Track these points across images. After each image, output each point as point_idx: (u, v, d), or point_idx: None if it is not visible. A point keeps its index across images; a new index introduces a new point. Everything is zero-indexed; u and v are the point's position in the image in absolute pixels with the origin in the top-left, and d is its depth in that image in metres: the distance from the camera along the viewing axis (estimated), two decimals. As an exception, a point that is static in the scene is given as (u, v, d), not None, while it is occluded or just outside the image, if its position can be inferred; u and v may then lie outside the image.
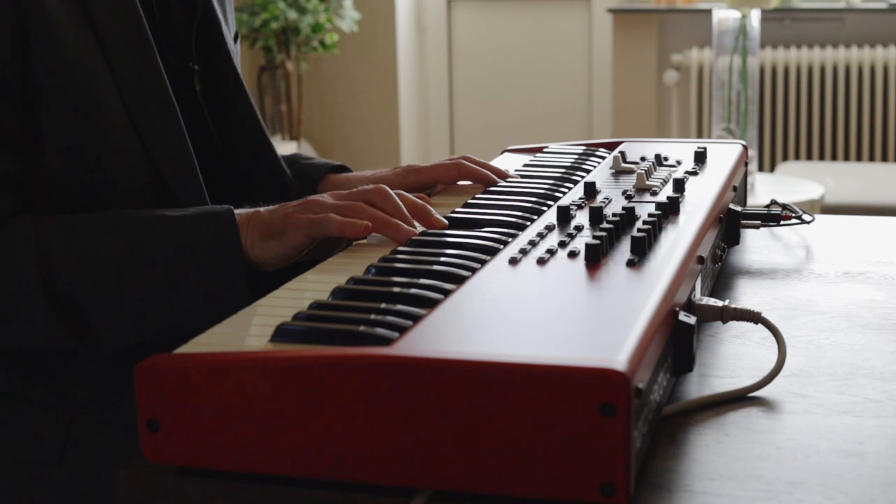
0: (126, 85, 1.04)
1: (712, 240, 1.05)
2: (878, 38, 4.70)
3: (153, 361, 0.71)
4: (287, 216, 0.99)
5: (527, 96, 5.24)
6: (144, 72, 1.06)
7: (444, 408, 0.65)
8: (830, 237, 1.33)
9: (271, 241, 0.99)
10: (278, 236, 0.99)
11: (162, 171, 1.06)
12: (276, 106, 4.84)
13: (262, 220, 1.00)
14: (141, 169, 1.05)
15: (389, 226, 0.98)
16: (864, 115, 4.65)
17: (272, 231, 0.99)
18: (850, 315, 1.03)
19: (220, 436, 0.70)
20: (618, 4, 4.93)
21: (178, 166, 1.07)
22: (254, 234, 0.99)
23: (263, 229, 0.99)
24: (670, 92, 4.86)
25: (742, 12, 3.02)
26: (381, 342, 0.71)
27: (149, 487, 0.72)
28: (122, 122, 1.04)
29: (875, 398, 0.83)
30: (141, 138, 1.05)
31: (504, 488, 0.66)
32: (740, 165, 1.31)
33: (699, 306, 0.89)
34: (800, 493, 0.68)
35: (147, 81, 1.06)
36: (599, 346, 0.68)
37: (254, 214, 1.01)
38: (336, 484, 0.69)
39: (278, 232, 0.99)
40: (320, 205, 1.00)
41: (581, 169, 1.26)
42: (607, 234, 0.89)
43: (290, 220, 0.99)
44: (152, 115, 1.06)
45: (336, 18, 4.67)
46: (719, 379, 0.87)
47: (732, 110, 3.08)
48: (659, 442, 0.75)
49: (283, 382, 0.68)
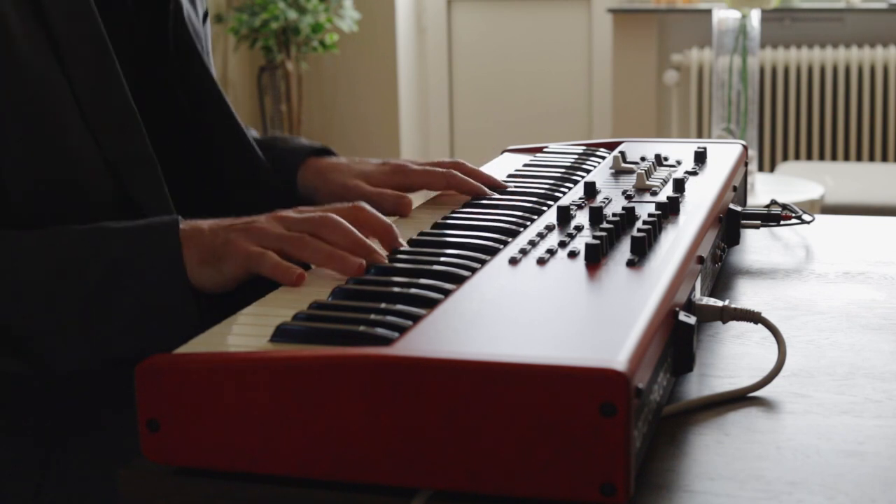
0: (83, 91, 0.99)
1: (712, 240, 1.05)
2: (878, 38, 4.71)
3: (153, 361, 0.71)
4: (227, 242, 0.91)
5: (527, 96, 5.24)
6: (102, 77, 1.01)
7: (444, 408, 0.65)
8: (830, 237, 1.33)
9: (208, 267, 0.91)
10: (216, 263, 0.91)
11: (122, 178, 1.01)
12: (276, 106, 4.84)
13: (202, 241, 0.92)
14: (99, 176, 1.00)
15: (334, 259, 0.89)
16: (864, 115, 4.65)
17: (210, 256, 0.91)
18: (850, 315, 1.03)
19: (220, 436, 0.70)
20: (618, 4, 4.93)
21: (138, 173, 1.02)
22: (192, 257, 0.92)
23: (202, 253, 0.92)
24: (670, 92, 4.86)
25: (742, 12, 3.02)
26: (381, 342, 0.71)
27: (149, 487, 0.72)
28: (79, 128, 0.99)
29: (875, 398, 0.83)
30: (99, 145, 1.00)
31: (504, 488, 0.66)
32: (740, 165, 1.31)
33: (699, 306, 0.89)
34: (800, 493, 0.68)
35: (105, 86, 1.01)
36: (599, 346, 0.68)
37: (196, 232, 0.93)
38: (336, 484, 0.69)
39: (217, 258, 0.91)
40: (264, 234, 0.91)
41: (581, 169, 1.26)
42: (607, 234, 0.89)
43: (229, 247, 0.91)
44: (111, 121, 1.01)
45: (336, 18, 4.67)
46: (719, 379, 0.87)
47: (732, 110, 3.08)
48: (659, 442, 0.75)
49: (283, 382, 0.68)
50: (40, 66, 0.97)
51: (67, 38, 0.99)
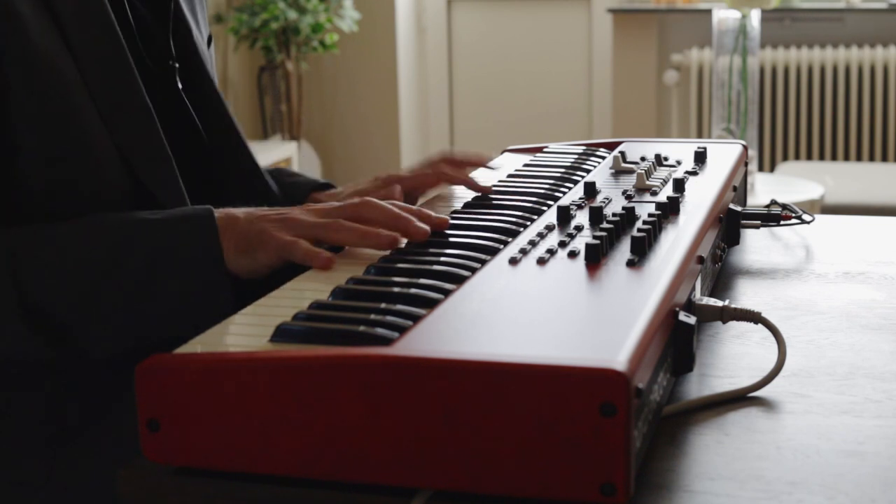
0: (97, 88, 1.01)
1: (712, 240, 1.05)
2: (878, 38, 4.71)
3: (153, 361, 0.71)
4: (262, 232, 0.95)
5: (527, 96, 5.24)
6: (116, 75, 1.03)
7: (445, 408, 0.65)
8: (830, 237, 1.33)
9: (244, 255, 0.95)
10: (251, 252, 0.95)
11: (138, 173, 1.03)
12: (276, 106, 4.84)
13: (239, 230, 0.96)
14: (115, 171, 1.02)
15: (368, 236, 0.94)
16: (864, 115, 4.65)
17: (246, 245, 0.95)
18: (850, 315, 1.03)
19: (220, 436, 0.70)
20: (618, 4, 4.93)
21: (154, 167, 1.04)
22: (230, 245, 0.95)
23: (239, 241, 0.95)
24: (670, 92, 4.86)
25: (742, 12, 3.02)
26: (381, 342, 0.71)
27: (149, 487, 0.72)
28: (95, 124, 1.01)
29: (875, 398, 0.83)
30: (115, 141, 1.02)
31: (504, 488, 0.66)
32: (740, 165, 1.31)
33: (699, 306, 0.89)
34: (800, 493, 0.68)
35: (119, 85, 1.03)
36: (599, 346, 0.68)
37: (232, 221, 0.97)
38: (336, 484, 0.69)
39: (252, 247, 0.95)
40: (298, 223, 0.96)
41: (581, 169, 1.26)
42: (607, 234, 0.89)
43: (264, 236, 0.95)
44: (126, 117, 1.03)
45: (336, 18, 4.67)
46: (719, 379, 0.87)
47: (732, 110, 3.08)
48: (659, 442, 0.75)
49: (283, 382, 0.68)
50: (57, 62, 0.99)
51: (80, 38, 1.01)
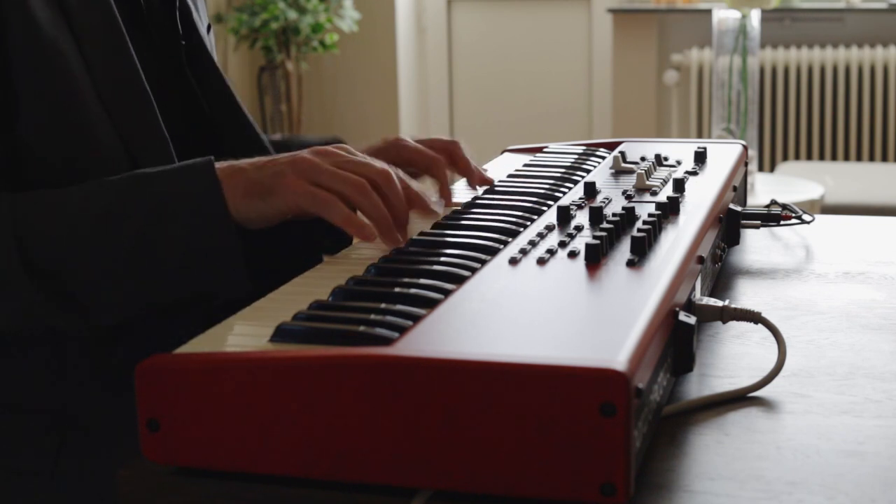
0: (98, 71, 1.02)
1: (712, 240, 1.05)
2: (878, 38, 4.71)
3: (153, 361, 0.71)
4: (277, 175, 0.93)
5: (527, 96, 5.24)
6: (116, 59, 1.04)
7: (445, 408, 0.65)
8: (830, 237, 1.33)
9: (255, 199, 0.93)
10: (265, 195, 0.93)
11: (135, 154, 1.03)
12: (276, 106, 4.84)
13: (246, 175, 0.94)
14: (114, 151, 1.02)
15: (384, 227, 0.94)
16: (864, 115, 4.65)
17: (258, 188, 0.93)
18: (850, 315, 1.03)
19: (220, 436, 0.70)
20: (618, 4, 4.93)
21: (150, 149, 1.04)
22: (236, 191, 0.93)
23: (248, 186, 0.93)
24: (670, 92, 4.86)
25: (742, 12, 3.02)
26: (381, 342, 0.71)
27: (149, 487, 0.72)
28: (95, 105, 1.02)
29: (875, 398, 0.83)
30: (113, 121, 1.03)
31: (504, 488, 0.66)
32: (740, 165, 1.31)
33: (699, 306, 0.89)
34: (800, 493, 0.68)
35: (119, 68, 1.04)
36: (599, 346, 0.68)
37: (237, 168, 0.95)
38: (336, 484, 0.69)
39: (266, 191, 0.93)
40: (316, 169, 0.93)
41: (581, 169, 1.26)
42: (607, 234, 0.89)
43: (281, 179, 0.93)
44: (125, 100, 1.04)
45: (336, 18, 4.67)
46: (719, 379, 0.87)
47: (732, 110, 3.08)
48: (659, 442, 0.75)
49: (283, 382, 0.68)
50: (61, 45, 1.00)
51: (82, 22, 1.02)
